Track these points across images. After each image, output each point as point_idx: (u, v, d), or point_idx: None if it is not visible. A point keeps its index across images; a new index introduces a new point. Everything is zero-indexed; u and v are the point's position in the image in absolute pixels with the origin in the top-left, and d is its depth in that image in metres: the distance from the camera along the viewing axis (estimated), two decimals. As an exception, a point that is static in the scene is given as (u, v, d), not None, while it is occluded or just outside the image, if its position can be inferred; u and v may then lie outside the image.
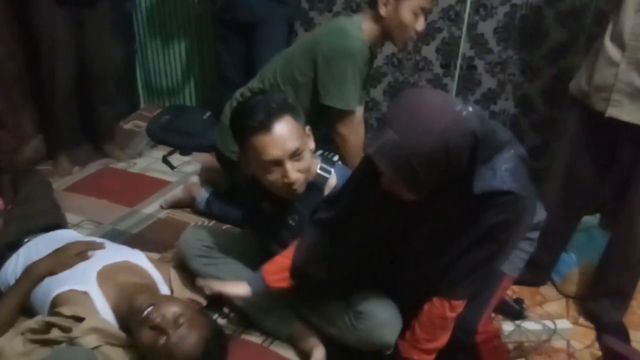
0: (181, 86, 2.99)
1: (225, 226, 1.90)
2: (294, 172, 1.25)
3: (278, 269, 1.30)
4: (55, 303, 1.33)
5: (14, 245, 1.54)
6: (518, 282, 1.84)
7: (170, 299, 1.31)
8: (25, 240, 1.56)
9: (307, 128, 1.33)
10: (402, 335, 1.23)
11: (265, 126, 1.22)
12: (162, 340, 1.18)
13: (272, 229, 1.43)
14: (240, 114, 1.28)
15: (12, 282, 1.45)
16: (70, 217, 1.86)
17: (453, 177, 1.01)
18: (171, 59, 2.95)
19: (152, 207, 2.08)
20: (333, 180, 1.38)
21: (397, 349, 1.23)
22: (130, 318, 1.25)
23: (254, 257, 1.46)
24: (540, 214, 1.32)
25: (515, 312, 1.74)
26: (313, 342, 1.34)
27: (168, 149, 2.55)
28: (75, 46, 2.20)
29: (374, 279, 1.33)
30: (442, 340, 1.20)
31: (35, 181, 1.99)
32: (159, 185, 2.24)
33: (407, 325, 1.24)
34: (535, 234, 1.34)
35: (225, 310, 1.50)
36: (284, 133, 1.23)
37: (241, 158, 1.40)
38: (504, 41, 2.28)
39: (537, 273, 1.85)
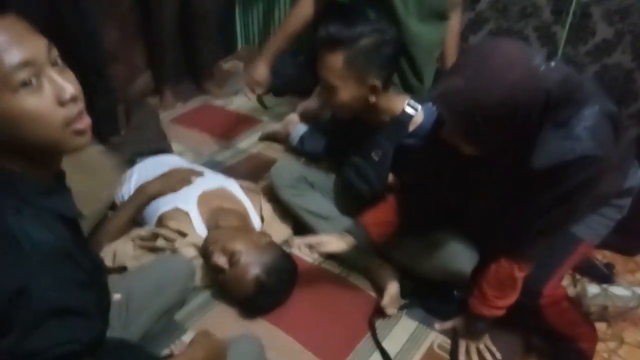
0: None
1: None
2: (322, 97, 1.33)
3: (380, 220, 1.31)
4: (162, 219, 1.50)
5: (128, 164, 1.73)
6: (610, 248, 1.75)
7: (231, 237, 1.35)
8: (137, 160, 1.74)
9: (373, 76, 1.30)
10: (471, 292, 1.22)
11: (319, 44, 1.29)
12: (221, 276, 1.32)
13: (356, 164, 1.47)
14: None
15: (125, 195, 1.65)
16: (174, 146, 2.03)
17: (519, 136, 0.95)
18: (270, 2, 2.99)
19: (246, 142, 2.21)
20: (419, 118, 1.38)
21: (467, 304, 1.23)
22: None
23: (339, 193, 1.53)
24: (634, 179, 1.21)
25: (603, 275, 1.66)
26: (389, 277, 1.40)
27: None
28: None
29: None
30: (512, 297, 1.18)
31: (146, 111, 2.19)
32: (252, 123, 2.36)
33: (476, 280, 1.22)
34: (625, 201, 1.23)
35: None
36: (325, 62, 1.29)
37: None
38: (629, -16, 2.04)
39: (632, 241, 1.74)
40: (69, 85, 0.66)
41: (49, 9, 1.79)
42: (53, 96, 0.65)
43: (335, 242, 1.32)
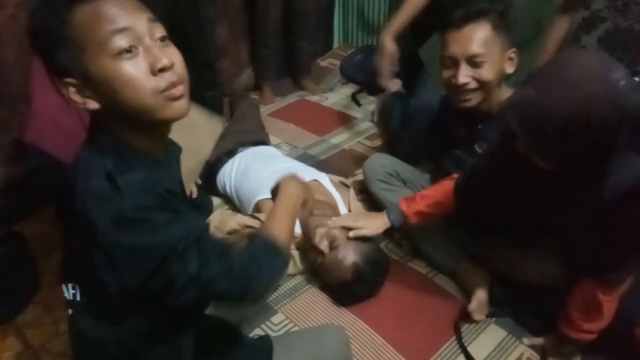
0: (376, 28, 3.07)
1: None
2: (464, 76, 1.28)
3: (417, 208, 1.34)
4: (258, 206, 1.60)
5: (231, 153, 1.85)
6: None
7: (333, 224, 1.40)
8: (239, 150, 1.86)
9: (511, 51, 1.31)
10: (559, 314, 1.17)
11: (458, 24, 1.28)
12: (320, 259, 1.36)
13: (458, 157, 1.45)
14: (447, 7, 1.34)
15: (227, 182, 1.77)
16: (272, 138, 2.14)
17: (595, 153, 0.88)
18: (369, 1, 3.02)
19: (338, 138, 2.26)
20: None
21: (556, 324, 1.18)
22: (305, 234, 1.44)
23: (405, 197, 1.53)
24: None
25: None
26: (478, 281, 1.37)
27: (357, 87, 2.69)
28: None
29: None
30: (600, 322, 1.11)
31: (248, 105, 2.32)
32: (346, 119, 2.41)
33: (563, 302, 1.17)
34: None
35: (397, 236, 1.61)
36: (471, 35, 1.27)
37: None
38: None
39: None
40: (164, 57, 0.71)
41: (171, 9, 1.97)
42: (147, 65, 0.71)
43: (371, 226, 1.36)
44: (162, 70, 0.72)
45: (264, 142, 2.00)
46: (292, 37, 2.67)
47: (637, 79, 0.87)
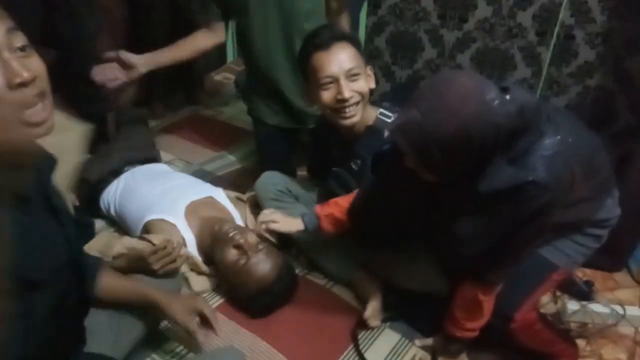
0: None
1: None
2: (349, 90, 1.34)
3: (330, 212, 1.37)
4: (148, 228, 1.51)
5: (116, 172, 1.73)
6: (590, 265, 1.79)
7: (251, 230, 1.45)
8: (126, 169, 1.75)
9: (369, 68, 1.41)
10: (444, 315, 1.25)
11: (325, 45, 1.34)
12: (243, 260, 1.33)
13: (338, 174, 1.50)
14: (307, 38, 1.41)
15: (112, 204, 1.65)
16: (163, 155, 2.04)
17: (478, 166, 0.97)
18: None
19: (235, 154, 2.22)
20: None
21: (442, 327, 1.26)
22: (214, 242, 1.40)
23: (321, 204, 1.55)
24: (610, 211, 1.22)
25: (582, 292, 1.69)
26: (372, 289, 1.41)
27: (253, 101, 2.68)
28: (173, 4, 2.34)
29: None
30: (481, 320, 1.20)
31: (135, 120, 2.20)
32: (242, 134, 2.38)
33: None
34: (602, 231, 1.25)
35: (294, 251, 1.61)
36: (342, 53, 1.35)
37: (306, 86, 1.47)
38: (610, 9, 2.11)
39: (611, 258, 1.77)
40: (23, 71, 0.66)
41: (44, 16, 1.81)
42: (4, 80, 0.65)
43: (285, 224, 1.40)
44: (22, 85, 0.66)
45: (154, 159, 1.91)
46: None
47: (507, 96, 0.95)
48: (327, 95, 1.37)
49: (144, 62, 1.70)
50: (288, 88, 1.76)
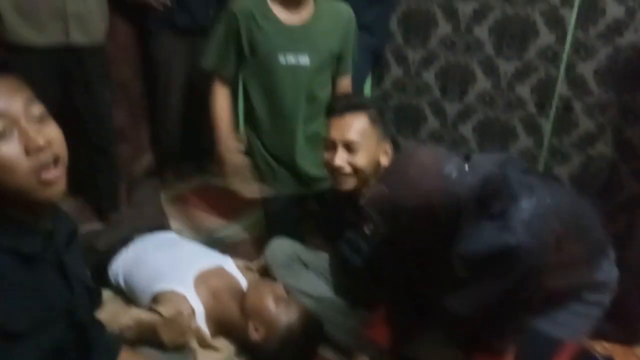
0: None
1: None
2: (340, 159, 1.39)
3: (383, 329, 1.34)
4: (157, 298, 1.49)
5: (126, 241, 1.74)
6: (608, 338, 1.73)
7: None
8: (135, 237, 1.76)
9: (387, 145, 1.44)
10: None
11: (339, 111, 1.42)
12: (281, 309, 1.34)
13: (352, 240, 1.50)
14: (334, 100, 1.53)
15: (120, 274, 1.65)
16: (173, 223, 2.06)
17: (452, 231, 1.00)
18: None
19: (244, 222, 2.24)
20: None
21: None
22: (234, 318, 1.39)
23: (333, 272, 1.54)
24: (608, 273, 1.20)
25: (602, 367, 1.63)
26: None
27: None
28: (188, 71, 2.46)
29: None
30: None
31: (146, 189, 2.25)
32: (251, 202, 2.40)
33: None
34: (602, 297, 1.22)
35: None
36: (350, 123, 1.39)
37: None
38: (605, 84, 2.20)
39: (627, 331, 1.71)
40: (39, 138, 0.72)
41: (62, 90, 1.91)
42: (22, 147, 0.71)
43: None
44: (38, 150, 0.72)
45: (163, 228, 1.92)
46: (194, 121, 2.68)
47: (466, 168, 1.01)
48: (325, 156, 1.45)
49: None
50: (299, 154, 1.80)
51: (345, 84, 1.81)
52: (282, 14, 1.63)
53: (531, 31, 2.31)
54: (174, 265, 1.58)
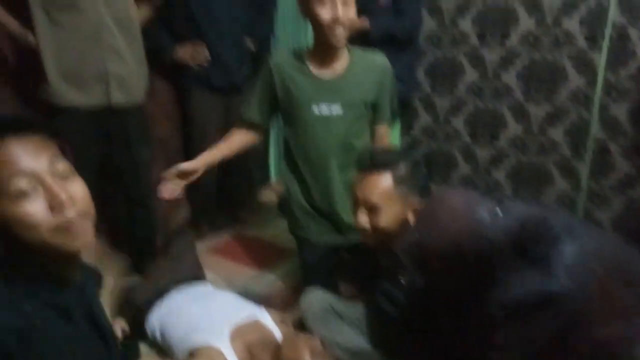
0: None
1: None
2: (362, 219, 1.38)
3: None
4: (193, 353, 1.49)
5: (162, 293, 1.76)
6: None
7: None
8: (171, 290, 1.78)
9: (416, 203, 1.37)
10: None
11: (363, 169, 1.40)
12: None
13: (388, 291, 1.48)
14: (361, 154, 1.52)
15: (157, 327, 1.66)
16: (208, 275, 2.08)
17: (485, 281, 0.97)
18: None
19: (278, 273, 2.24)
20: None
21: None
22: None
23: (369, 324, 1.51)
24: None
25: None
26: None
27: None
28: (223, 127, 2.54)
29: None
30: None
31: (182, 241, 2.28)
32: (285, 253, 2.41)
33: None
34: None
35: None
36: (372, 184, 1.37)
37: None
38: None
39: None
40: (63, 194, 0.73)
41: (103, 148, 1.99)
42: (46, 204, 0.72)
43: None
44: (62, 207, 0.73)
45: (199, 279, 1.94)
46: (229, 173, 2.75)
47: (500, 213, 0.98)
48: (352, 210, 1.44)
49: (200, 164, 1.83)
50: (338, 202, 1.80)
51: (382, 132, 1.82)
52: (317, 68, 1.68)
53: (560, 75, 2.31)
54: (210, 319, 1.58)
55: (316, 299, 1.62)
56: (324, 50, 1.63)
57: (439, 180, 2.80)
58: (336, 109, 1.69)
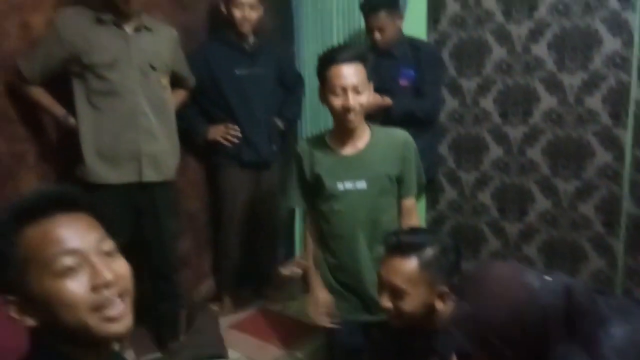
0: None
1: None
2: (386, 301, 1.34)
3: None
4: None
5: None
6: None
7: None
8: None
9: (443, 289, 1.33)
10: None
11: (388, 251, 1.37)
12: None
13: None
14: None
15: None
16: (230, 352, 2.03)
17: (544, 350, 0.93)
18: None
19: (303, 351, 2.17)
20: None
21: None
22: None
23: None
24: None
25: None
26: None
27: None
28: (250, 201, 2.60)
29: None
30: None
31: (206, 317, 2.26)
32: (309, 329, 2.34)
33: None
34: None
35: None
36: (397, 267, 1.33)
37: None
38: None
39: None
40: (108, 273, 0.72)
41: (133, 222, 2.04)
42: (89, 282, 0.71)
43: None
44: (105, 286, 0.72)
45: (221, 356, 1.90)
46: (254, 248, 2.76)
47: (548, 278, 0.95)
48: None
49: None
50: (366, 279, 1.75)
51: (408, 206, 1.81)
52: (339, 146, 1.75)
53: (586, 151, 2.32)
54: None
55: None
56: (342, 131, 1.72)
57: (469, 256, 2.74)
58: (361, 184, 1.72)
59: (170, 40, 2.09)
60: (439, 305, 1.33)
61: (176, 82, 2.18)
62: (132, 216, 2.03)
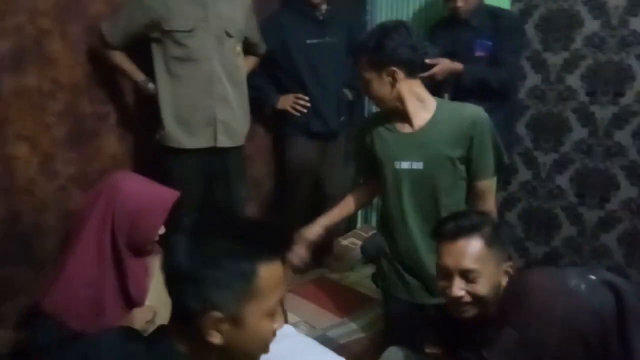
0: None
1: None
2: (458, 289, 1.24)
3: None
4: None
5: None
6: None
7: None
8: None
9: (508, 265, 1.28)
10: None
11: (450, 235, 1.28)
12: None
13: None
14: (441, 222, 1.37)
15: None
16: (290, 317, 2.09)
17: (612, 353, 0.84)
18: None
19: (359, 322, 2.19)
20: None
21: None
22: None
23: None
24: None
25: None
26: None
27: (378, 269, 2.70)
28: (316, 170, 2.62)
29: None
30: None
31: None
32: (365, 300, 2.36)
33: None
34: None
35: None
36: (464, 249, 1.25)
37: None
38: None
39: None
40: (282, 320, 0.88)
41: (205, 186, 2.13)
42: (274, 325, 0.86)
43: None
44: (277, 330, 0.88)
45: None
46: (317, 217, 2.78)
47: (592, 277, 0.87)
48: (440, 284, 1.31)
49: (321, 229, 1.91)
50: (426, 260, 1.71)
51: (482, 188, 1.69)
52: (399, 124, 1.69)
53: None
54: (289, 358, 1.57)
55: (397, 357, 1.55)
56: (400, 111, 1.65)
57: (541, 240, 2.61)
58: (417, 165, 1.65)
59: (245, 6, 2.10)
60: (505, 282, 1.27)
61: (248, 48, 2.20)
62: (204, 179, 2.12)
